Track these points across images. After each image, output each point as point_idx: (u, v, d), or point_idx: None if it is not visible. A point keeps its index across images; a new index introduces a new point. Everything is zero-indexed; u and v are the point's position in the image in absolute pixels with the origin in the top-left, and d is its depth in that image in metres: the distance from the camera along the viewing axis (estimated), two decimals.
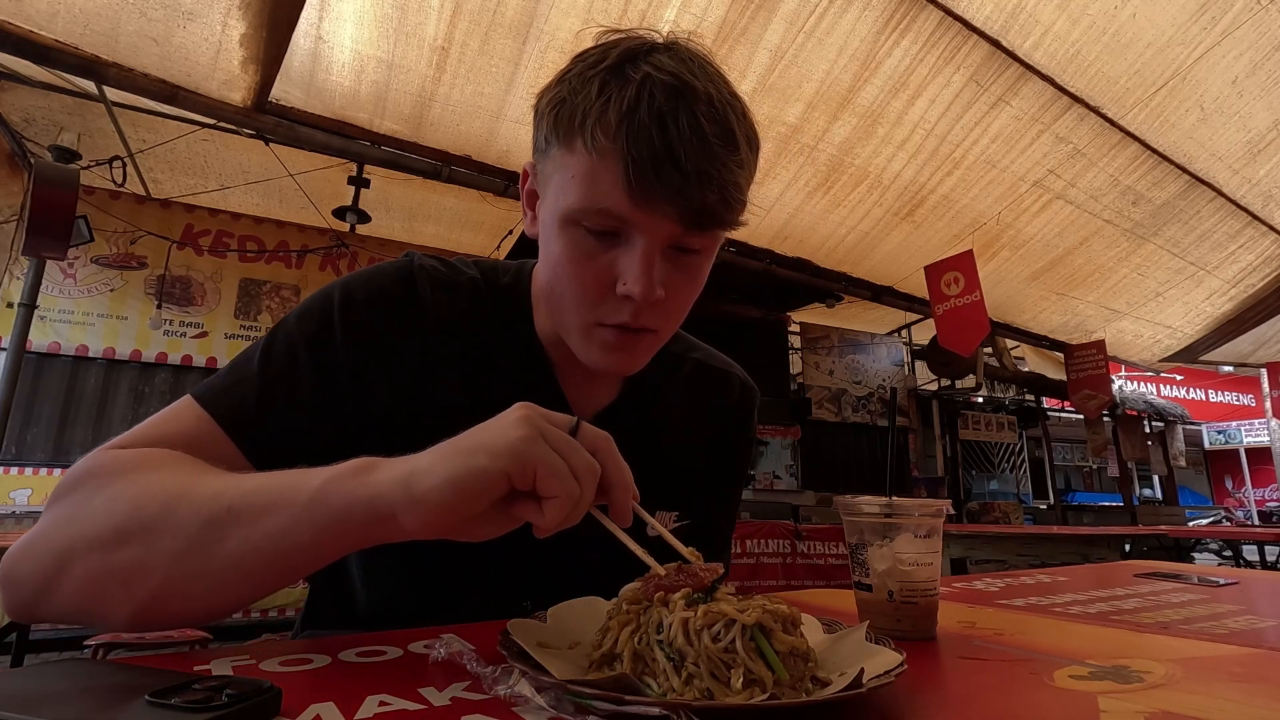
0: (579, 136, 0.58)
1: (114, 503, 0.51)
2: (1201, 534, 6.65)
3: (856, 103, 3.82)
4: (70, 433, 4.68)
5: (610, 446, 0.51)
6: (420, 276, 0.73)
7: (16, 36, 2.79)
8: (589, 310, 0.63)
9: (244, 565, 0.49)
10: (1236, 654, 0.59)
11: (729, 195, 0.59)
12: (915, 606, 0.61)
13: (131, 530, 0.49)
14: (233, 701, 0.35)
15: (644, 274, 0.59)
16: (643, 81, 0.56)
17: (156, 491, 0.51)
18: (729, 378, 0.90)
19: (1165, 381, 14.00)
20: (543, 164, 0.65)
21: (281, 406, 0.64)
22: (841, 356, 7.43)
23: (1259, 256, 5.77)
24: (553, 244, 0.63)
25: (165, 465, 0.55)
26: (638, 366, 0.69)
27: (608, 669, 0.44)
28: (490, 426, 0.48)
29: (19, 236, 3.86)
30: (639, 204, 0.57)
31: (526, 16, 3.15)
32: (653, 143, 0.55)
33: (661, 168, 0.55)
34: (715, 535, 0.88)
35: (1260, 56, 3.69)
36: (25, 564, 0.52)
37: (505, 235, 5.21)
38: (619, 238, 0.60)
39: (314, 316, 0.68)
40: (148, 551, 0.49)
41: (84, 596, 0.50)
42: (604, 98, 0.57)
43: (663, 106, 0.56)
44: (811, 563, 5.21)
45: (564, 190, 0.60)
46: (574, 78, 0.60)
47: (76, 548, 0.50)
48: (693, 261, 0.64)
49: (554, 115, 0.60)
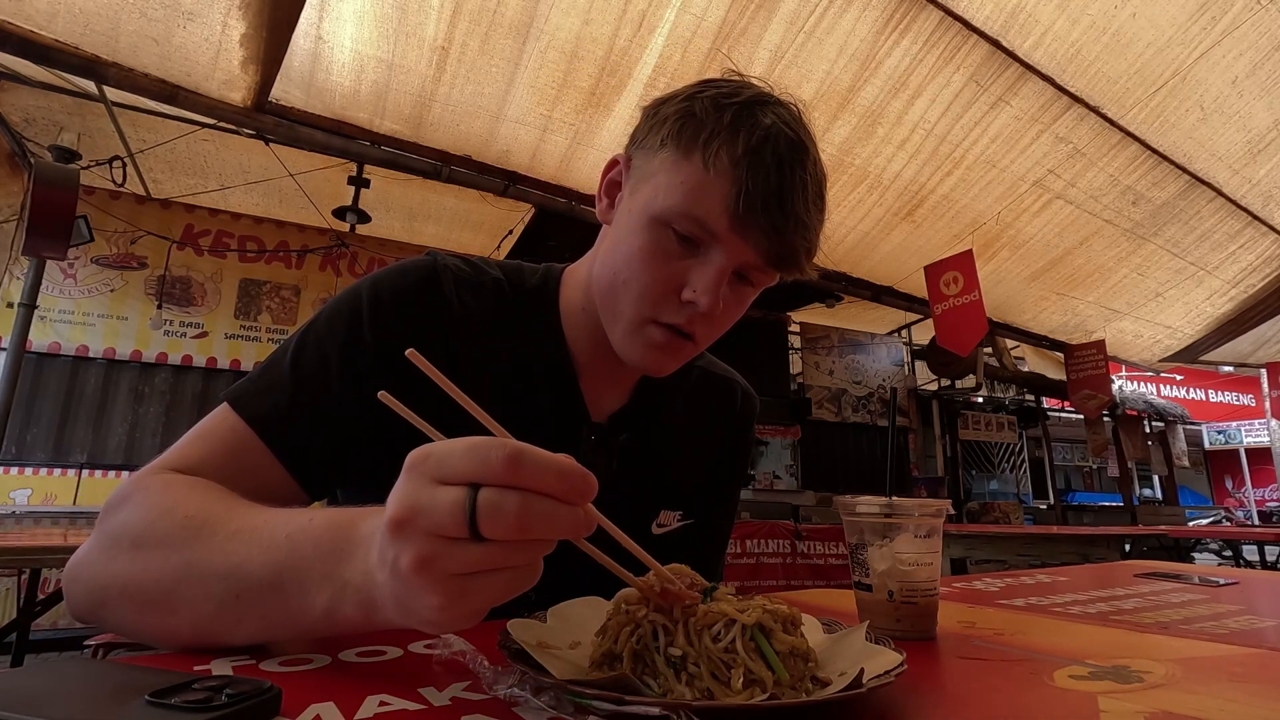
0: (700, 151, 0.63)
1: (137, 561, 0.53)
2: (1201, 534, 6.64)
3: (856, 103, 3.82)
4: (70, 433, 4.68)
5: (537, 462, 0.36)
6: (445, 276, 0.74)
7: (16, 36, 2.79)
8: (649, 306, 0.66)
9: (257, 639, 0.51)
10: (1236, 654, 0.59)
11: (810, 246, 0.66)
12: (915, 606, 0.61)
13: (153, 599, 0.52)
14: (233, 701, 0.35)
15: (714, 288, 0.63)
16: (771, 127, 0.63)
17: (176, 553, 0.52)
18: (732, 385, 0.94)
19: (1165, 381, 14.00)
20: (645, 161, 0.68)
21: (314, 410, 0.65)
22: (841, 356, 7.43)
23: (1259, 256, 5.77)
24: (633, 236, 0.66)
25: (192, 519, 0.55)
26: (669, 370, 0.72)
27: (608, 669, 0.44)
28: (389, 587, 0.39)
29: (19, 236, 3.86)
30: (736, 227, 0.62)
31: (526, 16, 3.15)
32: (769, 182, 0.61)
33: (769, 207, 0.62)
34: (716, 535, 0.92)
35: (1260, 56, 3.69)
36: (77, 587, 0.56)
37: (505, 235, 5.21)
38: (699, 250, 0.65)
39: (343, 318, 0.69)
40: (171, 619, 0.51)
41: (127, 631, 0.55)
42: (735, 129, 0.62)
43: (784, 156, 0.63)
44: (811, 563, 5.21)
45: (667, 191, 0.64)
46: (706, 100, 0.65)
47: (110, 597, 0.54)
48: (747, 291, 0.69)
49: (679, 124, 0.65)
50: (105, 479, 4.64)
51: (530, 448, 0.36)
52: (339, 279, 5.59)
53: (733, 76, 0.69)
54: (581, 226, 4.38)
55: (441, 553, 0.36)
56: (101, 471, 4.65)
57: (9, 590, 3.97)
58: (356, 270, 5.66)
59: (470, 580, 0.37)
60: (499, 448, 0.36)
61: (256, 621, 0.49)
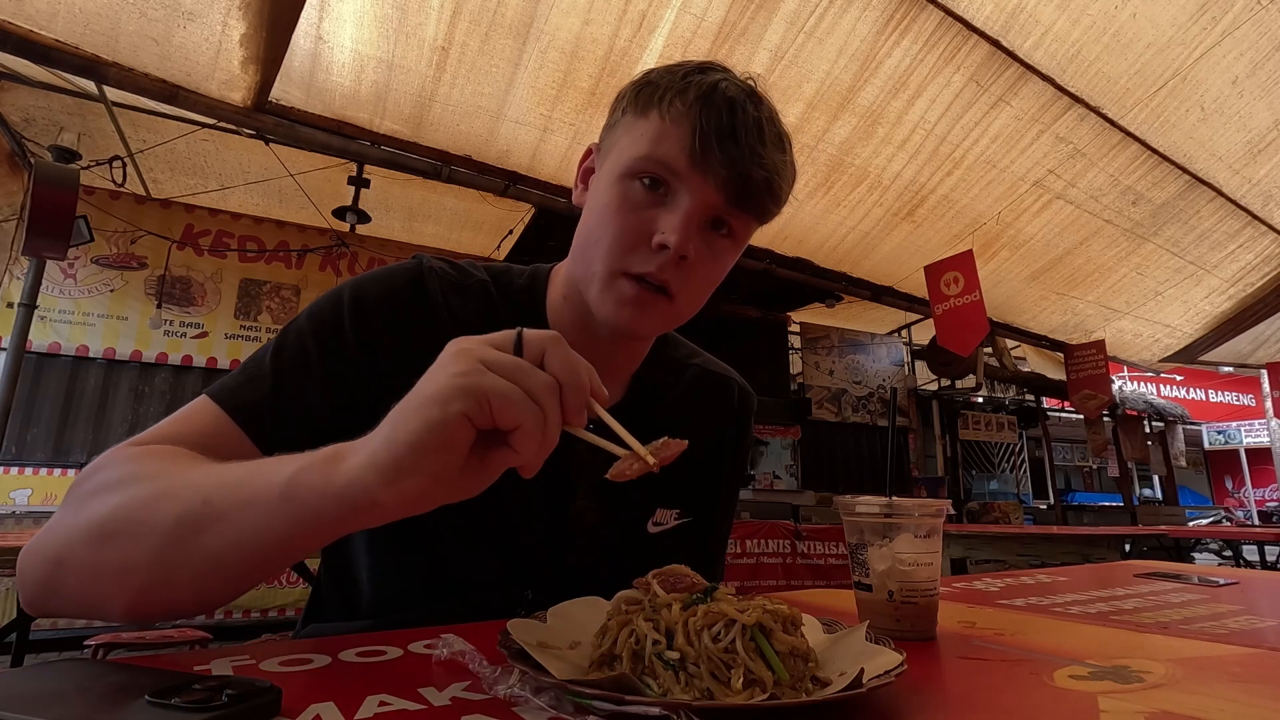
0: (656, 107, 0.67)
1: (105, 501, 0.52)
2: (1201, 534, 6.64)
3: (856, 103, 3.82)
4: (70, 433, 4.68)
5: (559, 347, 0.46)
6: (430, 278, 0.75)
7: (17, 36, 2.79)
8: (619, 258, 0.67)
9: (222, 560, 0.48)
10: (1236, 654, 0.59)
11: (772, 182, 0.68)
12: (915, 606, 0.61)
13: (118, 527, 0.50)
14: (233, 701, 0.35)
15: (682, 228, 0.65)
16: (720, 79, 0.68)
17: (144, 488, 0.51)
18: (729, 383, 0.94)
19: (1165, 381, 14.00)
20: (610, 136, 0.72)
21: (295, 401, 0.65)
22: (841, 356, 7.43)
23: (1258, 256, 5.77)
24: (603, 196, 0.69)
25: (162, 459, 0.55)
26: (645, 328, 0.71)
27: (608, 669, 0.44)
28: (431, 374, 0.45)
29: (19, 236, 3.86)
30: (696, 165, 0.65)
31: (526, 16, 3.15)
32: (720, 119, 0.65)
33: (724, 140, 0.64)
34: (715, 534, 0.92)
35: (1260, 56, 3.70)
36: (33, 560, 0.54)
37: (505, 235, 5.21)
38: (667, 196, 0.67)
39: (325, 314, 0.70)
40: (132, 547, 0.49)
41: (81, 591, 0.52)
42: (686, 82, 0.67)
43: (734, 97, 0.66)
44: (811, 563, 5.21)
45: (630, 146, 0.68)
46: (660, 70, 0.70)
47: (73, 544, 0.51)
48: (722, 244, 0.70)
49: (636, 91, 0.70)
50: None
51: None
52: (339, 279, 5.58)
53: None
54: None
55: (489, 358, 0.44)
56: None
57: (9, 590, 3.97)
58: (356, 270, 5.66)
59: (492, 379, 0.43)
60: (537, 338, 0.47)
61: (212, 536, 0.47)
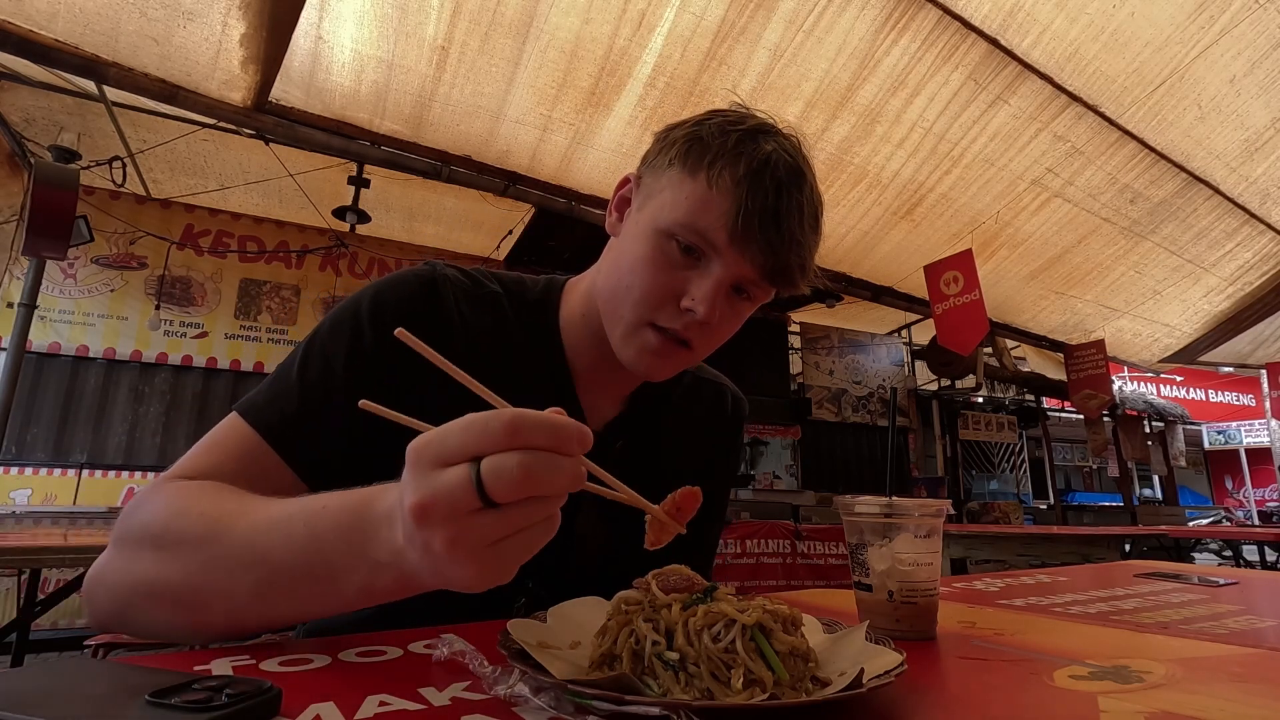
0: (705, 171, 0.68)
1: (165, 563, 0.55)
2: (1201, 534, 6.63)
3: (855, 101, 3.82)
4: (70, 433, 4.68)
5: (534, 422, 0.39)
6: (445, 286, 0.76)
7: (16, 36, 2.79)
8: (648, 310, 0.70)
9: (297, 621, 0.54)
10: (1236, 654, 0.59)
11: (804, 265, 0.71)
12: (915, 606, 0.61)
13: (186, 598, 0.54)
14: (233, 701, 0.35)
15: (711, 298, 0.68)
16: (772, 153, 0.68)
17: (201, 551, 0.54)
18: (723, 390, 0.98)
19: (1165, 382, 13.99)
20: (654, 179, 0.73)
21: (322, 417, 0.67)
22: (841, 356, 7.43)
23: (1256, 254, 5.77)
24: (639, 245, 0.70)
25: (205, 504, 0.57)
26: (664, 375, 0.75)
27: (608, 669, 0.44)
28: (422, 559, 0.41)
29: (19, 236, 3.86)
30: (734, 242, 0.67)
31: (526, 16, 3.15)
32: (765, 201, 0.66)
33: (765, 225, 0.66)
34: (704, 540, 0.95)
35: (1258, 55, 3.70)
36: (101, 593, 0.58)
37: (505, 235, 5.21)
38: (699, 262, 0.69)
39: (345, 326, 0.71)
40: (207, 613, 0.54)
41: (157, 632, 0.57)
42: (738, 152, 0.68)
43: (783, 179, 0.68)
44: (811, 563, 5.21)
45: (673, 205, 0.69)
46: (713, 126, 0.70)
47: (138, 596, 0.56)
48: (742, 306, 0.73)
49: (687, 146, 0.70)
50: (105, 479, 4.65)
51: (522, 410, 0.39)
52: (339, 279, 5.59)
53: (739, 108, 0.74)
54: (581, 226, 4.38)
55: (466, 528, 0.38)
56: (101, 471, 4.65)
57: (9, 590, 3.97)
58: (356, 270, 5.66)
59: (498, 545, 0.40)
60: (493, 418, 0.38)
61: (290, 605, 0.52)
